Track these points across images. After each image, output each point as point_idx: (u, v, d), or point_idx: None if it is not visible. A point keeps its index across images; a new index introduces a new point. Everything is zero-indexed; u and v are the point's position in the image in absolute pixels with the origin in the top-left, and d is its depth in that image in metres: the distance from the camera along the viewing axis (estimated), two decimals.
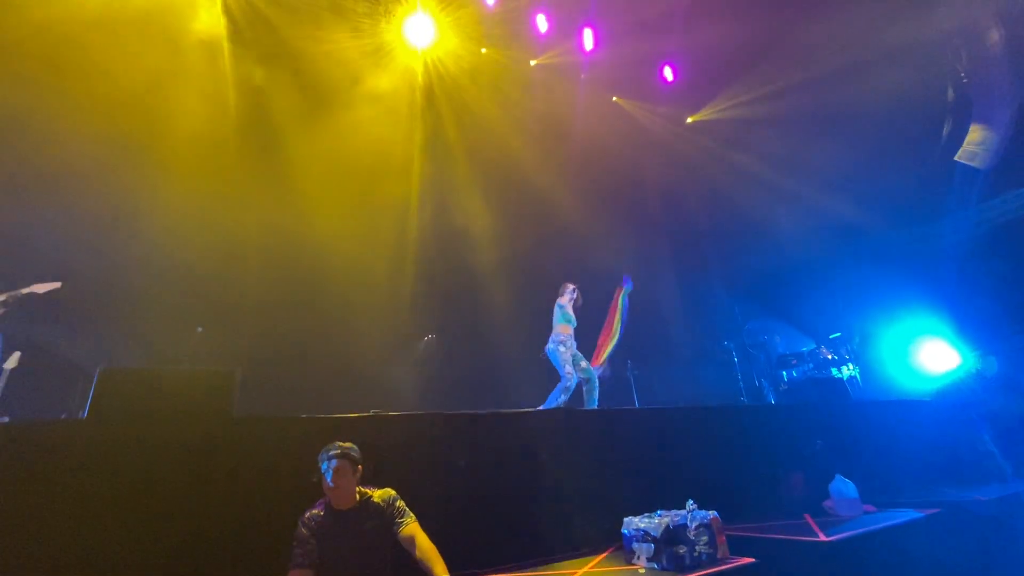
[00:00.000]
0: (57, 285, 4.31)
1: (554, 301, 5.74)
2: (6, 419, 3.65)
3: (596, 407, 5.30)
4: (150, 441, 2.45)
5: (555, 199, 9.45)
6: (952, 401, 5.68)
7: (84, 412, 2.40)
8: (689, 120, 10.83)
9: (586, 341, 5.92)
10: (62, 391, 4.85)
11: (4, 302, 4.13)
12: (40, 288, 4.24)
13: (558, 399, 5.20)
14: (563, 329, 5.52)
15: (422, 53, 8.48)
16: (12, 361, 4.34)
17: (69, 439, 2.35)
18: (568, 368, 5.30)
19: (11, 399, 4.32)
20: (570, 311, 5.63)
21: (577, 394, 5.51)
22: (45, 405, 4.72)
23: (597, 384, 5.48)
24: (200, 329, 5.80)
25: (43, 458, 2.28)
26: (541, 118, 9.45)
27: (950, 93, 8.27)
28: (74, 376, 4.94)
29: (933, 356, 7.61)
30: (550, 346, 5.46)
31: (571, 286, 5.80)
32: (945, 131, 8.65)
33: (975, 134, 8.11)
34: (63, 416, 4.47)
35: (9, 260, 4.91)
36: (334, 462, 2.43)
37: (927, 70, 8.16)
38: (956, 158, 8.27)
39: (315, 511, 2.45)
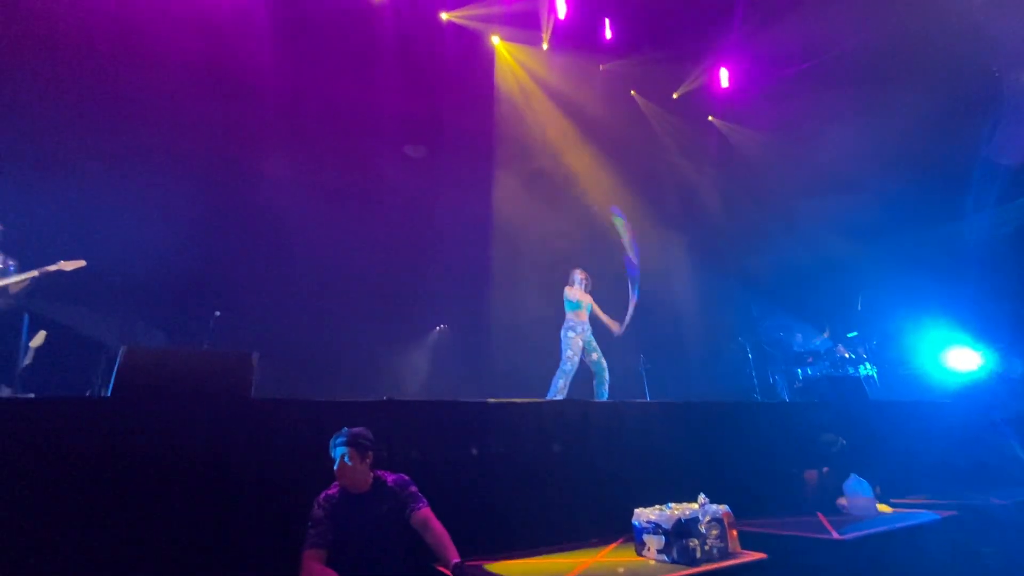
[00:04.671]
0: (82, 263, 4.43)
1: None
2: (31, 396, 3.76)
3: (606, 399, 5.29)
4: (172, 419, 2.51)
5: (570, 187, 9.39)
6: (973, 403, 5.57)
7: (108, 390, 2.46)
8: (710, 119, 10.71)
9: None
10: (85, 370, 4.97)
11: (34, 278, 4.27)
12: (67, 265, 4.36)
13: (556, 385, 5.21)
14: (573, 315, 5.51)
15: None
16: (38, 339, 4.47)
17: (94, 416, 2.41)
18: (569, 353, 5.29)
19: (36, 376, 4.45)
20: (578, 297, 5.58)
21: (587, 386, 5.50)
22: (69, 383, 4.84)
23: (606, 378, 5.43)
24: (217, 313, 5.90)
25: (69, 434, 2.34)
26: (562, 105, 9.37)
27: (982, 86, 8.05)
28: (97, 356, 5.06)
29: (954, 357, 7.46)
30: (561, 332, 5.47)
31: (577, 272, 5.73)
32: (974, 128, 8.42)
33: (1006, 129, 7.89)
34: (87, 394, 4.58)
35: (38, 241, 5.03)
36: (341, 449, 2.47)
37: (959, 62, 7.93)
38: (985, 154, 8.06)
39: (330, 493, 2.49)
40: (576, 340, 5.39)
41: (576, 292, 5.63)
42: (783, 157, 10.02)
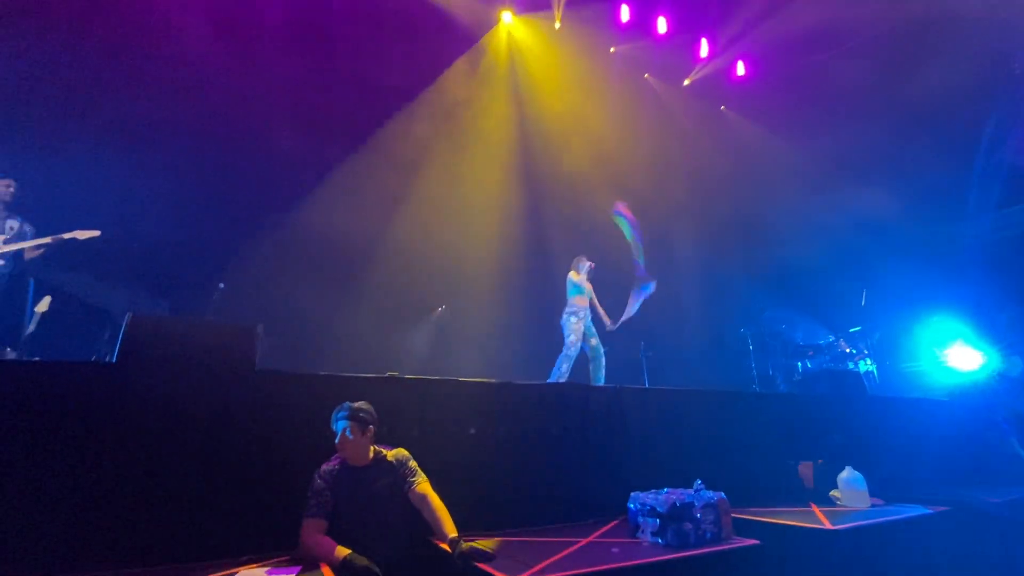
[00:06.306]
0: (96, 233, 4.50)
1: (567, 273, 5.80)
2: (36, 359, 3.80)
3: (603, 384, 5.36)
4: (176, 387, 2.53)
5: (575, 173, 9.29)
6: (972, 402, 5.58)
7: (113, 356, 2.48)
8: (723, 108, 10.58)
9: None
10: (90, 337, 5.01)
11: (48, 244, 4.36)
12: (81, 235, 4.46)
13: (560, 368, 5.33)
14: (576, 300, 5.60)
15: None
16: (43, 305, 4.52)
17: (98, 381, 2.43)
18: (573, 338, 5.40)
19: (41, 341, 4.50)
20: (583, 283, 5.69)
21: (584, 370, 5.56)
22: (74, 349, 4.88)
23: (603, 363, 5.55)
24: (222, 285, 5.91)
25: (73, 398, 2.36)
26: (571, 89, 9.24)
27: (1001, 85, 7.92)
28: (102, 323, 5.09)
29: (955, 355, 7.45)
30: (563, 317, 5.53)
31: (584, 260, 5.84)
32: (989, 127, 8.31)
33: (1019, 133, 7.78)
34: (93, 359, 4.62)
35: (53, 210, 5.03)
36: (342, 423, 2.49)
37: (977, 61, 7.79)
38: (997, 156, 7.97)
39: (331, 465, 2.51)
40: (578, 325, 5.47)
41: (581, 278, 5.73)
42: (793, 150, 9.91)
